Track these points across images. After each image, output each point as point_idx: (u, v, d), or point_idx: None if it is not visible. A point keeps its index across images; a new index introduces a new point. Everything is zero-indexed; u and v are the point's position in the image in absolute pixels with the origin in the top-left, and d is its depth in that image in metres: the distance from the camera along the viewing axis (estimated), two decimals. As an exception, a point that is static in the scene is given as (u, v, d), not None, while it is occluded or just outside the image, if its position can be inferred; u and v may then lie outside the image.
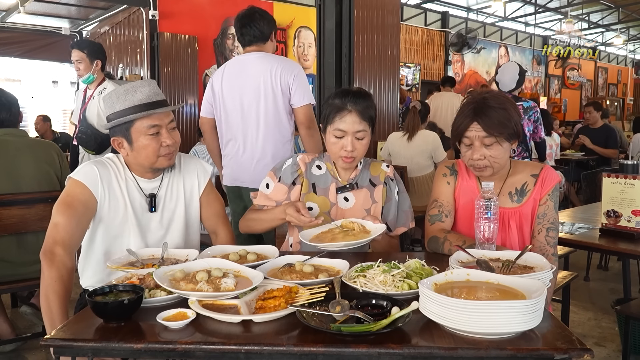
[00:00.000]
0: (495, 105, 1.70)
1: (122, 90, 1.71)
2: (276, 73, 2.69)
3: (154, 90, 1.74)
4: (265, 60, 2.75)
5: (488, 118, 1.68)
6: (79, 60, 3.54)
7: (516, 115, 1.73)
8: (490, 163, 1.73)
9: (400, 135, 4.42)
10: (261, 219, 1.92)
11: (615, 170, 2.33)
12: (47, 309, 1.53)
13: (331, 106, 1.86)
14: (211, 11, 7.97)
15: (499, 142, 1.70)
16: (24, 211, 2.64)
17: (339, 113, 1.83)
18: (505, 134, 1.69)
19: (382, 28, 5.44)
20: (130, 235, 1.78)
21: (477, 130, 1.70)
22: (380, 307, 1.21)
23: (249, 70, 2.76)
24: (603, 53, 17.12)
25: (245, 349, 1.08)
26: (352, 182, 1.94)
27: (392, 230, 1.98)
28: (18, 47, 8.61)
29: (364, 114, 1.83)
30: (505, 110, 1.69)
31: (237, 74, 2.79)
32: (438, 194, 1.91)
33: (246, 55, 2.85)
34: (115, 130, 1.73)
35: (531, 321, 1.09)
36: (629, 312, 2.41)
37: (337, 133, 1.83)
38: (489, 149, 1.71)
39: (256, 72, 2.73)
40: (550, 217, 1.79)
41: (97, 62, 3.58)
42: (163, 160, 1.76)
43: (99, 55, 3.61)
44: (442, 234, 1.80)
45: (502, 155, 1.73)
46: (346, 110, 1.82)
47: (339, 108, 1.83)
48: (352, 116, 1.82)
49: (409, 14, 11.40)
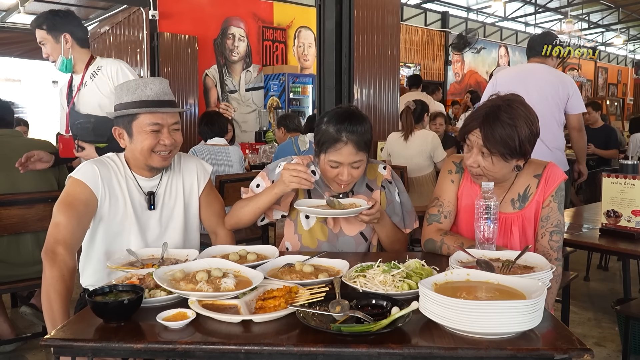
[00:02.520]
0: (506, 119, 1.60)
1: (133, 84, 1.73)
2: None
3: (164, 89, 1.75)
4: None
5: (491, 130, 1.60)
6: (42, 41, 2.52)
7: (527, 134, 1.62)
8: (483, 172, 1.68)
9: (399, 136, 4.42)
10: (250, 203, 1.82)
11: (615, 170, 2.33)
12: (48, 309, 1.53)
13: (325, 135, 1.74)
14: (211, 11, 7.97)
15: (493, 159, 1.63)
16: (24, 211, 2.64)
17: (333, 145, 1.72)
18: (501, 152, 1.61)
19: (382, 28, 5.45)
20: (130, 233, 1.78)
21: (477, 137, 1.64)
22: (380, 307, 1.21)
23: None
24: (603, 53, 17.12)
25: (245, 349, 1.08)
26: (347, 192, 1.88)
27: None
28: (18, 47, 8.60)
29: (360, 144, 1.72)
30: (514, 128, 1.59)
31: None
32: (440, 191, 1.86)
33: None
34: (119, 121, 1.75)
35: (531, 321, 1.09)
36: (629, 312, 2.41)
37: (332, 164, 1.75)
38: (485, 159, 1.65)
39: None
40: (554, 220, 1.72)
41: (65, 37, 2.50)
42: (157, 159, 1.76)
43: (65, 26, 2.52)
44: (439, 237, 1.76)
45: (497, 170, 1.66)
46: (342, 142, 1.71)
47: (334, 139, 1.71)
48: (348, 148, 1.71)
49: (409, 14, 11.40)
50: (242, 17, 8.41)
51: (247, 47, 8.51)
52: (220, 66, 8.20)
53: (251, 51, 8.56)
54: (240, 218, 1.87)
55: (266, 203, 1.79)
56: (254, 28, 8.57)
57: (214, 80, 8.13)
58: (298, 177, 1.67)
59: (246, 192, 1.96)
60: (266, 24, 8.74)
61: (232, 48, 8.33)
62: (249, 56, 8.54)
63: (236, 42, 8.36)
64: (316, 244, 1.88)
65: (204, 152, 3.76)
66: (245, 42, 8.48)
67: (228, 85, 8.31)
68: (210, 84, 8.09)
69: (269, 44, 8.80)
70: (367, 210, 1.70)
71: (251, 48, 8.56)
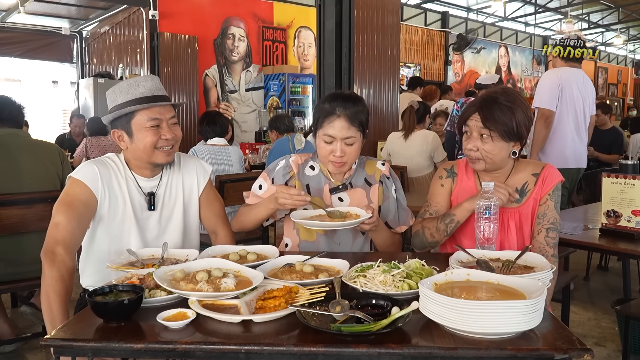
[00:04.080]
0: (504, 101, 1.69)
1: (125, 84, 1.74)
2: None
3: (157, 85, 1.76)
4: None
5: (489, 111, 1.68)
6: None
7: (523, 118, 1.71)
8: (482, 156, 1.73)
9: (399, 135, 4.42)
10: (251, 213, 1.88)
11: (615, 170, 2.33)
12: (47, 309, 1.53)
13: (320, 110, 1.83)
14: (211, 11, 7.97)
15: (493, 137, 1.69)
16: (24, 211, 2.63)
17: (327, 118, 1.80)
18: (501, 130, 1.68)
19: (382, 28, 5.45)
20: (130, 234, 1.78)
21: (476, 121, 1.71)
22: (380, 307, 1.21)
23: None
24: (603, 53, 17.12)
25: (245, 349, 1.08)
26: (346, 183, 1.92)
27: (392, 229, 1.97)
28: (18, 47, 8.61)
29: (353, 119, 1.79)
30: (511, 110, 1.68)
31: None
32: (431, 195, 1.93)
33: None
34: (117, 123, 1.75)
35: (531, 321, 1.08)
36: (629, 312, 2.41)
37: (326, 138, 1.80)
38: (484, 142, 1.71)
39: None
40: (550, 217, 1.77)
41: None
42: (161, 155, 1.76)
43: None
44: (419, 226, 1.83)
45: (496, 152, 1.72)
46: (335, 115, 1.79)
47: (327, 113, 1.80)
48: (341, 121, 1.78)
49: (409, 14, 11.40)
50: (242, 17, 8.41)
51: (247, 47, 8.51)
52: (220, 66, 8.20)
53: (251, 51, 8.56)
54: (244, 225, 1.93)
55: (265, 216, 1.87)
56: (254, 28, 8.57)
57: (214, 80, 8.13)
58: (292, 201, 1.72)
59: (248, 195, 1.98)
60: (266, 24, 8.74)
61: (232, 48, 8.33)
62: (249, 56, 8.54)
63: (236, 42, 8.37)
64: (314, 236, 1.90)
65: (204, 152, 3.76)
66: (245, 42, 8.49)
67: (228, 85, 8.31)
68: (210, 84, 8.10)
69: (269, 44, 8.80)
70: (368, 219, 1.71)
71: (251, 48, 8.56)
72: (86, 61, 9.34)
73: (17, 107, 2.89)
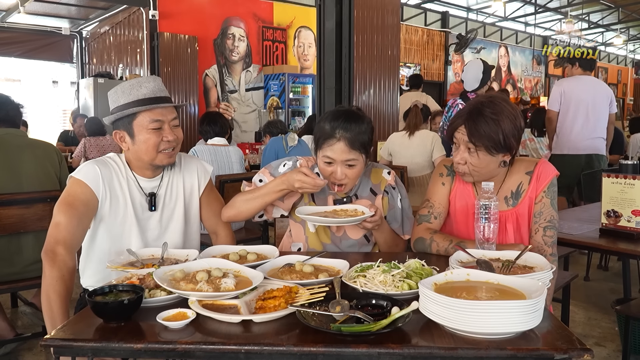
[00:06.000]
0: (489, 114, 1.64)
1: (127, 85, 1.73)
2: None
3: (159, 86, 1.75)
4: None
5: (475, 125, 1.64)
6: None
7: (511, 129, 1.65)
8: (469, 170, 1.70)
9: (402, 135, 4.42)
10: (255, 196, 1.79)
11: (615, 170, 2.33)
12: (48, 309, 1.53)
13: (321, 131, 1.75)
14: (211, 11, 7.97)
15: (478, 152, 1.66)
16: (24, 211, 2.63)
17: (327, 140, 1.72)
18: (487, 145, 1.64)
19: (382, 28, 5.44)
20: (130, 234, 1.78)
21: (463, 134, 1.68)
22: (380, 307, 1.21)
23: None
24: (603, 53, 17.11)
25: (245, 349, 1.08)
26: (350, 195, 1.87)
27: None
28: (18, 47, 8.62)
29: (354, 142, 1.70)
30: (497, 122, 1.63)
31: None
32: (431, 194, 1.89)
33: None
34: (118, 124, 1.75)
35: (531, 321, 1.08)
36: (629, 312, 2.41)
37: (326, 159, 1.74)
38: (471, 155, 1.68)
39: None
40: (547, 216, 1.74)
41: None
42: (163, 157, 1.76)
43: None
44: (429, 235, 1.78)
45: (483, 166, 1.69)
46: (334, 139, 1.70)
47: (327, 135, 1.72)
48: (341, 145, 1.70)
49: (409, 14, 11.41)
50: (242, 17, 8.41)
51: (247, 47, 8.51)
52: (220, 66, 8.20)
53: (251, 51, 8.56)
54: (241, 210, 1.83)
55: (272, 198, 1.78)
56: (254, 28, 8.57)
57: (214, 80, 8.13)
58: (311, 184, 1.68)
59: (249, 185, 1.93)
60: (266, 24, 8.74)
61: (232, 48, 8.33)
62: (249, 56, 8.54)
63: (236, 42, 8.37)
64: (321, 247, 1.88)
65: (205, 151, 3.76)
66: (245, 42, 8.49)
67: (228, 85, 8.31)
68: (210, 84, 8.10)
69: (269, 44, 8.80)
70: (370, 217, 1.70)
71: (251, 48, 8.56)
72: (86, 61, 9.35)
73: (15, 107, 2.89)
